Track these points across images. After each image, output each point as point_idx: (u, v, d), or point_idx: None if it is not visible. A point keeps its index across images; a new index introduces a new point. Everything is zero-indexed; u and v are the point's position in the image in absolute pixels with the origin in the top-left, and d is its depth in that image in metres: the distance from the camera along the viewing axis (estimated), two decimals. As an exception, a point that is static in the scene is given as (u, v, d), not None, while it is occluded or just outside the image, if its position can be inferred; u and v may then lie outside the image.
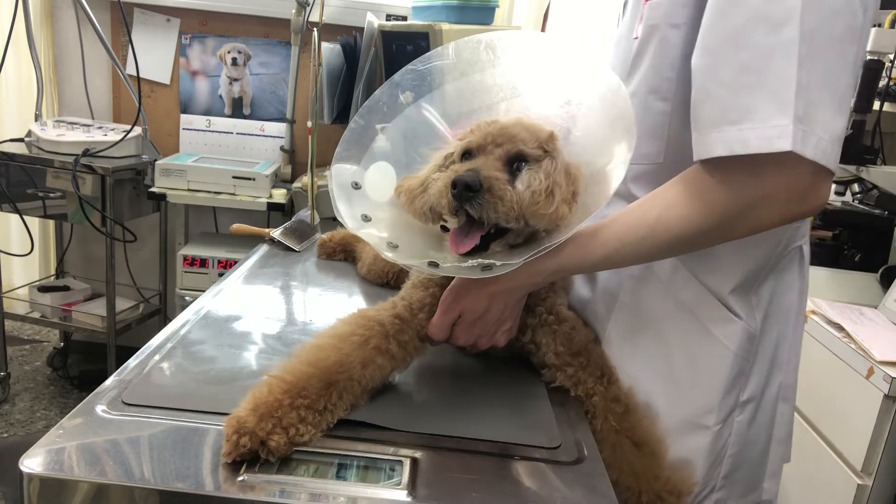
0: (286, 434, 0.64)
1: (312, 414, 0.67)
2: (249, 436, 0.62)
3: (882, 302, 1.66)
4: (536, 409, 0.79)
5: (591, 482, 0.67)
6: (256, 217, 2.61)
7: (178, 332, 0.89)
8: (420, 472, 0.64)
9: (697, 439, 0.84)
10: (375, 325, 0.76)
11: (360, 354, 0.73)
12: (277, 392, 0.67)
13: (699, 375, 0.84)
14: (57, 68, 2.71)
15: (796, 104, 0.64)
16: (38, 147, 2.39)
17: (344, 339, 0.74)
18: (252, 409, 0.65)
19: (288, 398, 0.66)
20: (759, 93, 0.65)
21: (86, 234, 2.78)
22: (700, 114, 0.70)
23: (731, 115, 0.66)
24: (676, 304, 0.85)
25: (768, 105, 0.65)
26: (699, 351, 0.84)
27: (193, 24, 2.68)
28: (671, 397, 0.85)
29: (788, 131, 0.64)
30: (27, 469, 0.59)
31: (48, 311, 2.62)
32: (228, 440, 0.62)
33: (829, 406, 1.55)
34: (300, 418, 0.66)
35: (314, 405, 0.67)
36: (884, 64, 1.74)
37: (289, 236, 1.37)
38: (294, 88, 2.60)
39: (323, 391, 0.69)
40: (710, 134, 0.68)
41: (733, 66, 0.66)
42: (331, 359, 0.71)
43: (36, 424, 2.49)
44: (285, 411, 0.65)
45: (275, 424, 0.64)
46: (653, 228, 0.74)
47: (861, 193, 2.02)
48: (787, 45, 0.64)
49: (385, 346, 0.75)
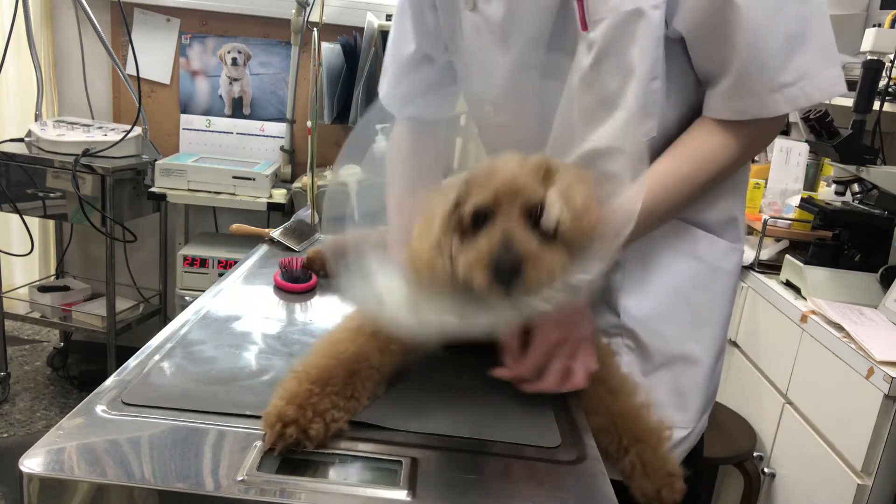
0: (323, 421, 0.66)
1: (342, 400, 0.70)
2: (294, 425, 0.64)
3: (882, 302, 1.66)
4: (536, 409, 0.79)
5: (591, 482, 0.67)
6: (256, 217, 2.61)
7: (177, 332, 0.89)
8: (420, 472, 0.64)
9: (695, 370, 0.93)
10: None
11: (374, 342, 0.75)
12: (307, 383, 0.69)
13: (708, 308, 0.93)
14: (57, 68, 2.71)
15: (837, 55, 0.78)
16: (38, 147, 2.39)
17: (357, 330, 0.76)
18: (287, 400, 0.67)
19: (318, 387, 0.68)
20: (808, 54, 0.77)
21: (86, 234, 2.78)
22: (756, 84, 0.78)
23: (788, 78, 0.77)
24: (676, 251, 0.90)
25: (818, 62, 0.77)
26: (707, 285, 0.92)
27: (193, 24, 2.68)
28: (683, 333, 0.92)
29: (840, 78, 0.78)
30: (27, 469, 0.59)
31: (48, 311, 2.62)
32: (272, 430, 0.64)
33: (829, 406, 1.55)
34: (333, 404, 0.68)
35: (342, 392, 0.70)
36: (884, 64, 1.74)
37: (288, 236, 1.37)
38: (294, 88, 2.60)
39: (347, 380, 0.71)
40: (771, 97, 0.78)
41: (780, 38, 0.76)
42: (349, 350, 0.73)
43: (36, 424, 2.49)
44: (318, 399, 0.67)
45: (312, 412, 0.66)
46: (699, 166, 0.82)
47: (861, 193, 2.01)
48: (818, 11, 0.77)
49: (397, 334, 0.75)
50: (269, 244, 1.37)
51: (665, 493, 0.77)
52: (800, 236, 1.99)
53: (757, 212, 2.20)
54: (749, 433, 1.83)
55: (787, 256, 1.88)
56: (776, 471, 1.74)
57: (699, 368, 0.94)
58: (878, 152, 1.80)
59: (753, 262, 2.00)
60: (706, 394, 0.97)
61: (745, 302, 2.01)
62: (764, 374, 1.87)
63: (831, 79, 0.78)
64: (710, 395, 0.98)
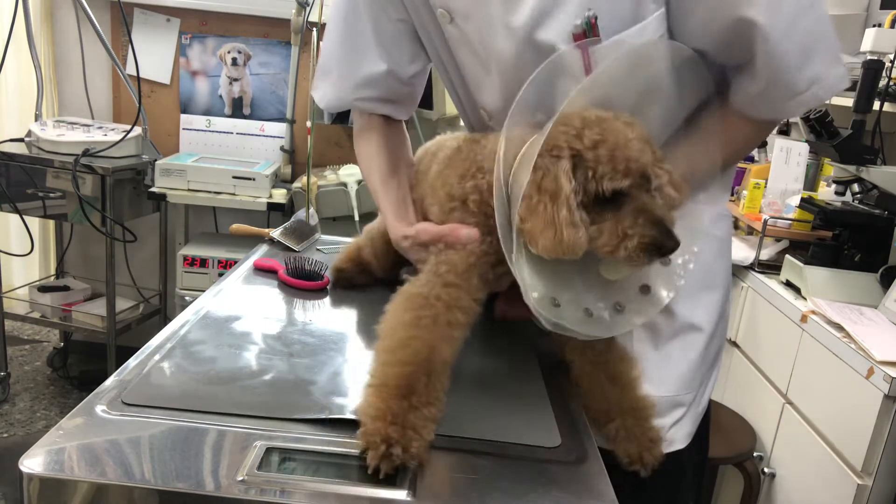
0: (420, 436, 0.65)
1: (428, 409, 0.68)
2: (401, 446, 0.63)
3: (882, 302, 1.66)
4: (536, 409, 0.79)
5: (591, 482, 0.67)
6: (256, 217, 2.61)
7: (177, 332, 0.89)
8: (420, 472, 0.64)
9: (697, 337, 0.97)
10: (433, 300, 0.75)
11: (438, 334, 0.72)
12: (391, 400, 0.67)
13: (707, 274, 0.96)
14: (57, 68, 2.71)
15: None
16: (38, 147, 2.39)
17: (416, 325, 0.73)
18: (381, 420, 0.65)
19: (406, 402, 0.67)
20: (818, 60, 0.80)
21: (86, 234, 2.78)
22: (773, 95, 0.82)
23: (802, 87, 0.81)
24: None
25: (826, 66, 0.80)
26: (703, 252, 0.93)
27: (193, 24, 2.68)
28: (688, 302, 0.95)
29: (844, 73, 0.82)
30: (27, 469, 0.59)
31: (48, 311, 2.62)
32: (375, 451, 0.62)
33: (829, 406, 1.55)
34: (423, 416, 0.67)
35: (427, 399, 0.68)
36: (884, 64, 1.74)
37: (288, 236, 1.37)
38: (294, 88, 2.60)
39: (428, 383, 0.69)
40: (787, 104, 0.83)
41: (795, 51, 0.79)
42: (423, 350, 0.71)
43: (36, 424, 2.49)
44: (410, 414, 0.66)
45: (408, 429, 0.65)
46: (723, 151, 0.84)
47: (861, 193, 2.01)
48: (821, 18, 0.80)
49: (454, 319, 0.74)
50: (269, 244, 1.37)
51: (646, 456, 0.81)
52: (800, 236, 1.99)
53: (757, 212, 2.20)
54: (749, 433, 1.83)
55: (787, 256, 1.88)
56: (776, 471, 1.74)
57: (703, 335, 0.97)
58: (878, 152, 1.80)
59: (753, 262, 2.00)
60: (712, 359, 1.00)
61: (745, 302, 2.01)
62: (764, 374, 1.87)
63: (838, 78, 0.82)
64: (714, 360, 1.02)
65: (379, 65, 1.01)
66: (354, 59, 1.03)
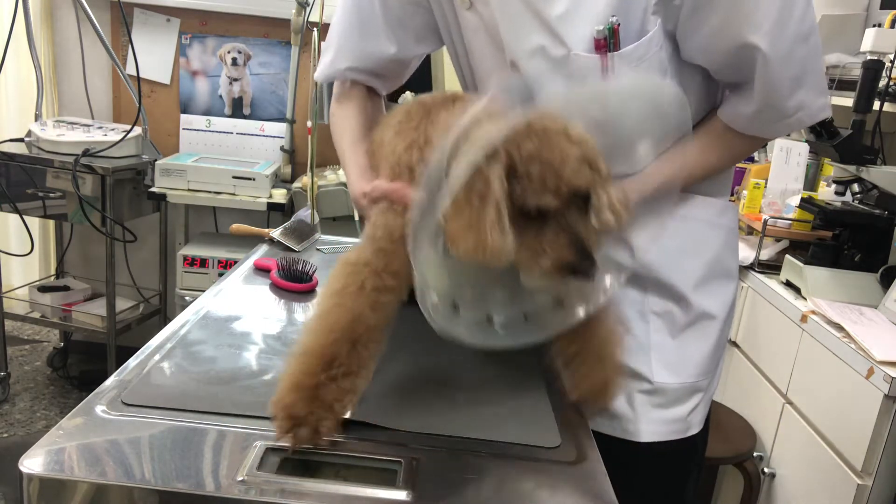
0: (333, 413, 0.66)
1: (350, 380, 0.68)
2: (307, 427, 0.64)
3: (882, 302, 1.66)
4: (536, 409, 0.79)
5: (591, 482, 0.67)
6: (256, 217, 2.61)
7: (177, 332, 0.89)
8: (420, 472, 0.64)
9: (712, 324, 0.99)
10: (362, 266, 0.74)
11: (364, 301, 0.72)
12: (312, 368, 0.67)
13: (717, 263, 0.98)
14: (57, 68, 2.71)
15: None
16: (38, 147, 2.39)
17: (342, 293, 0.73)
18: (295, 391, 0.66)
19: (324, 373, 0.67)
20: (806, 89, 0.85)
21: (86, 234, 2.78)
22: (764, 117, 0.87)
23: (790, 111, 0.86)
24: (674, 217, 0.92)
25: (812, 95, 0.86)
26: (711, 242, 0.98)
27: (193, 24, 2.68)
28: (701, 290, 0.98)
29: (827, 105, 0.88)
30: (27, 469, 0.59)
31: (48, 311, 2.62)
32: (282, 430, 0.64)
33: (829, 406, 1.55)
34: (340, 390, 0.67)
35: (349, 369, 0.69)
36: (884, 64, 1.74)
37: (288, 236, 1.37)
38: (294, 88, 2.60)
39: (352, 351, 0.69)
40: (774, 126, 0.89)
41: (789, 81, 0.83)
42: (344, 318, 0.70)
43: (36, 424, 2.49)
44: (326, 388, 0.67)
45: (321, 407, 0.66)
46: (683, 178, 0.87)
47: (861, 193, 2.01)
48: (815, 49, 0.84)
49: (381, 284, 0.73)
50: (269, 244, 1.37)
51: (599, 398, 0.82)
52: (800, 236, 1.99)
53: (757, 212, 2.20)
54: (749, 433, 1.83)
55: (787, 256, 1.88)
56: (776, 471, 1.74)
57: (717, 321, 1.00)
58: (878, 152, 1.80)
59: (753, 263, 2.00)
60: (724, 344, 1.04)
61: (745, 302, 2.01)
62: (764, 374, 1.87)
63: (821, 107, 0.88)
64: (723, 346, 1.05)
65: (386, 46, 1.03)
66: (360, 35, 1.04)
